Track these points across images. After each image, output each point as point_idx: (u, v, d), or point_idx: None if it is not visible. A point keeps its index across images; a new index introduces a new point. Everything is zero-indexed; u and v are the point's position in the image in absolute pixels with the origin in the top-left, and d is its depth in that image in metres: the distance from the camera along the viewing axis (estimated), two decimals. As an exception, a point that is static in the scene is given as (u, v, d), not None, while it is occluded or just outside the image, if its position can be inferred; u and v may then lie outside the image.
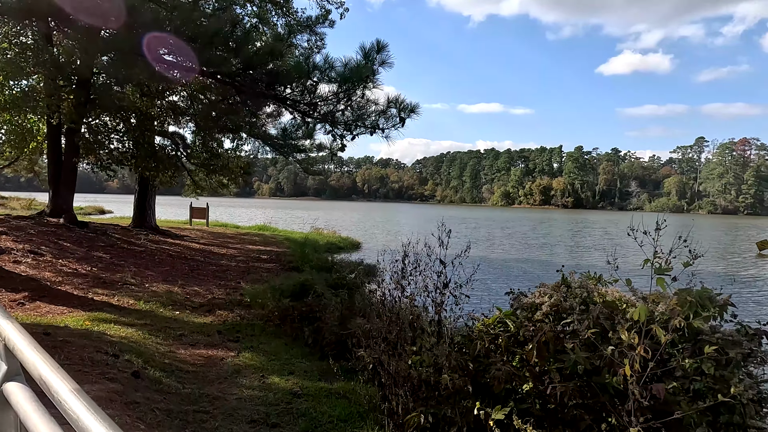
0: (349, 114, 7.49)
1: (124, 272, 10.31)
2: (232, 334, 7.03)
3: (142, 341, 5.90)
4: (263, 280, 11.89)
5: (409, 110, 7.69)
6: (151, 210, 19.13)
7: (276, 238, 23.10)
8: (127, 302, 8.16)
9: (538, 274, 17.22)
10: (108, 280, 9.41)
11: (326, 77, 7.67)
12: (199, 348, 6.25)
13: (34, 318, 6.49)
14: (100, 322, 6.55)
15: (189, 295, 9.41)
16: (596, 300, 3.59)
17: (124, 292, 8.75)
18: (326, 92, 7.80)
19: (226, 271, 12.71)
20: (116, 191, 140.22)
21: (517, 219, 67.00)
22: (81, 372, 3.86)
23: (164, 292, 9.30)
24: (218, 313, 8.18)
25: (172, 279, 10.56)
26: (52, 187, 14.42)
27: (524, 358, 3.15)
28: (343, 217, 51.25)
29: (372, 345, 4.27)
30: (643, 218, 3.53)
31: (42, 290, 8.15)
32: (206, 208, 27.02)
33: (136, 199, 18.87)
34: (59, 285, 8.57)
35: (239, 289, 10.43)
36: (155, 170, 14.89)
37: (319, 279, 10.69)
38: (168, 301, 8.56)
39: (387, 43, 7.53)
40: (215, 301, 9.09)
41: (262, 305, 8.66)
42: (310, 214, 57.06)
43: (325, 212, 65.36)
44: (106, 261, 10.97)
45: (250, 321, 7.69)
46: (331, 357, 6.18)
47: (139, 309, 7.84)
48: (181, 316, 7.83)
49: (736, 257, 26.31)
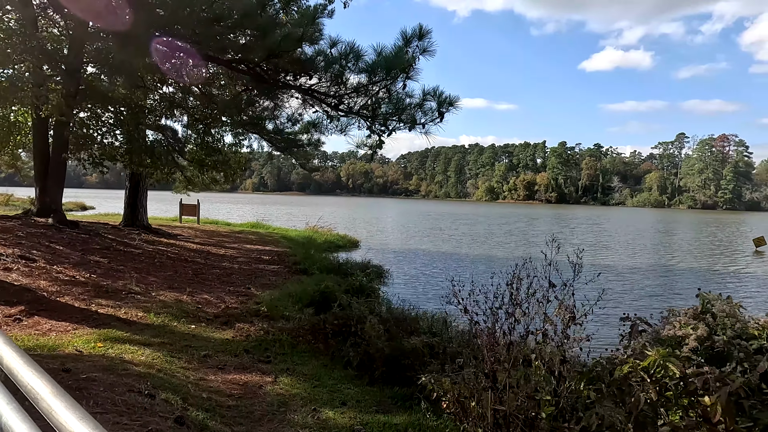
0: (387, 107, 6.77)
1: (126, 279, 9.45)
2: (261, 353, 6.30)
3: (168, 367, 5.13)
4: (273, 285, 11.14)
5: (449, 103, 7.00)
6: (143, 208, 18.14)
7: (272, 237, 22.26)
8: (136, 315, 7.35)
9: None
10: (110, 288, 8.56)
11: (358, 67, 6.94)
12: (230, 372, 5.50)
13: (37, 339, 5.67)
14: (114, 343, 5.76)
15: (200, 304, 8.61)
16: (753, 332, 2.96)
17: (129, 303, 7.92)
18: (356, 83, 7.07)
19: (231, 274, 11.91)
20: (95, 186, 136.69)
21: (521, 215, 66.82)
22: (120, 425, 3.12)
23: (173, 301, 8.50)
24: (237, 327, 7.42)
25: (177, 285, 9.74)
26: (39, 185, 13.41)
27: (699, 413, 2.54)
28: (335, 213, 50.42)
29: (461, 379, 3.59)
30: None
31: (39, 302, 7.29)
32: (197, 205, 26.01)
33: (126, 196, 17.85)
34: (58, 296, 7.71)
35: (251, 297, 9.66)
36: (151, 167, 13.94)
37: (333, 283, 9.97)
38: (179, 313, 7.76)
39: (430, 29, 6.84)
40: (230, 312, 8.32)
41: (285, 317, 7.93)
42: (301, 210, 56.10)
43: (315, 208, 64.39)
44: (104, 266, 10.08)
45: (275, 336, 6.95)
46: (381, 381, 5.52)
47: (150, 323, 7.04)
48: (198, 330, 7.05)
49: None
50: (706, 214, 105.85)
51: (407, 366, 5.35)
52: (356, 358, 5.82)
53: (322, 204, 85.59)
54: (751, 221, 68.42)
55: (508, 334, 3.33)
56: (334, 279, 12.41)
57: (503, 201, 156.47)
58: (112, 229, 16.53)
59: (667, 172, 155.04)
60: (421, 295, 13.41)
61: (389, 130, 6.97)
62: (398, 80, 6.60)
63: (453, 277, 4.34)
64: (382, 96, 6.77)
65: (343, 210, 61.03)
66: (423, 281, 15.49)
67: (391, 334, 5.94)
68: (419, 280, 15.50)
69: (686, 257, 24.94)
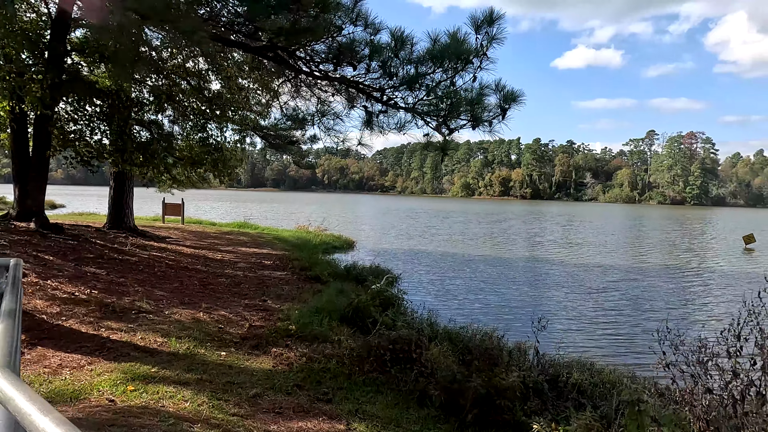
0: (452, 102, 5.93)
1: (131, 294, 8.38)
2: (315, 389, 5.40)
3: (222, 417, 4.21)
4: (289, 296, 10.19)
5: (512, 98, 6.21)
6: (130, 210, 16.82)
7: (265, 238, 21.17)
8: (155, 340, 6.34)
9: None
10: (117, 307, 7.49)
11: (416, 56, 6.08)
12: (291, 417, 4.60)
13: (50, 382, 4.65)
14: (145, 383, 4.78)
15: (220, 323, 7.62)
16: None
17: (143, 325, 6.89)
18: (413, 73, 6.20)
19: (240, 284, 10.89)
20: (61, 182, 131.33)
21: (509, 212, 66.83)
22: None
23: (190, 320, 7.49)
24: (273, 352, 6.48)
25: (189, 300, 8.70)
26: (19, 186, 12.07)
27: None
28: (319, 212, 49.27)
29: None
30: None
31: (40, 328, 6.21)
32: (181, 205, 24.65)
33: (111, 196, 16.50)
34: (60, 318, 6.63)
35: (272, 311, 8.71)
36: (144, 165, 12.74)
37: (364, 296, 9.08)
38: (202, 335, 6.78)
39: (502, 13, 6.02)
40: (257, 332, 7.36)
41: (320, 337, 7.05)
42: (284, 207, 54.76)
43: (296, 205, 63.14)
44: (103, 279, 8.95)
45: (322, 364, 6.05)
46: (474, 424, 4.71)
47: (174, 351, 6.05)
48: (231, 359, 6.09)
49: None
50: (678, 209, 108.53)
51: (503, 407, 4.55)
52: (439, 397, 4.95)
53: (301, 201, 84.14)
54: (734, 217, 70.25)
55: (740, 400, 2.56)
56: (348, 287, 11.57)
57: (479, 197, 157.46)
58: (97, 232, 15.22)
59: (637, 168, 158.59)
60: (443, 302, 12.66)
61: (449, 128, 6.14)
62: (466, 71, 5.78)
63: (658, 328, 3.52)
64: (444, 89, 5.93)
65: (325, 208, 59.82)
66: (438, 286, 14.74)
67: (476, 366, 5.12)
68: (434, 285, 14.74)
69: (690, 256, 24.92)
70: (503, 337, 6.99)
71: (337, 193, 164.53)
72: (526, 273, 17.87)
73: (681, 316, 12.12)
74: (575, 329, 10.81)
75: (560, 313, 12.19)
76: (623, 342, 9.99)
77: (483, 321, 10.35)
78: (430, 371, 5.62)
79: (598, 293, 14.61)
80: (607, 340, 10.16)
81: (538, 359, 6.16)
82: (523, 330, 10.13)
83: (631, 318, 11.87)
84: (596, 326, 11.10)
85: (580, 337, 10.25)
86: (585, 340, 10.09)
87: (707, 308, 13.30)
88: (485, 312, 11.96)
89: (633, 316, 12.02)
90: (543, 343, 8.19)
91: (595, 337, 10.34)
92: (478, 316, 11.30)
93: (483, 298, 13.41)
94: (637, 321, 11.58)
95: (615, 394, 4.87)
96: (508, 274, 17.34)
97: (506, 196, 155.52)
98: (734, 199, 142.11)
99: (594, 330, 10.81)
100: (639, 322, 11.43)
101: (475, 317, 10.90)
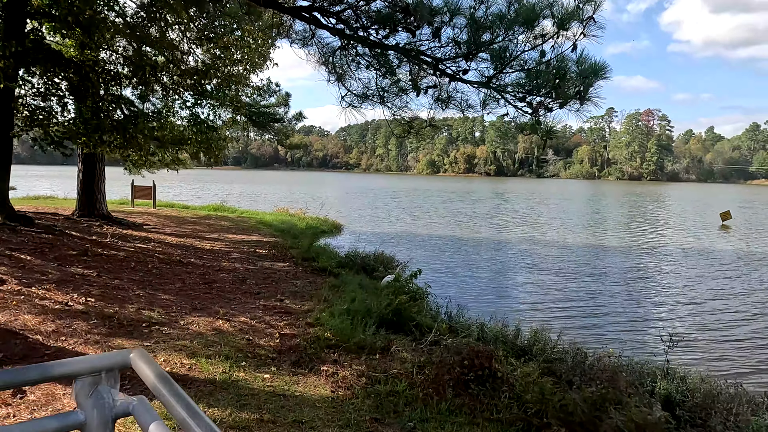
0: (546, 77, 5.00)
1: (133, 300, 7.18)
2: (396, 421, 4.49)
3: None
4: (305, 293, 9.17)
5: (593, 72, 5.34)
6: (102, 195, 15.25)
7: (248, 223, 19.88)
8: (181, 363, 5.26)
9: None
10: (122, 318, 6.31)
11: (492, 17, 5.10)
12: (391, 469, 3.70)
13: None
14: None
15: (245, 332, 6.57)
16: None
17: (160, 342, 5.78)
18: (487, 39, 5.23)
19: (245, 279, 9.79)
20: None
21: (486, 190, 66.76)
22: None
23: (210, 331, 6.41)
24: (323, 371, 5.52)
25: (200, 305, 7.57)
26: (-23, 172, 10.46)
27: None
28: (293, 192, 47.73)
29: None
30: None
31: (36, 353, 5.02)
32: (152, 187, 22.89)
33: (80, 180, 14.86)
34: (59, 339, 5.44)
35: (296, 314, 7.70)
36: (125, 147, 11.26)
37: (404, 297, 8.17)
38: (232, 352, 5.74)
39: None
40: (291, 343, 6.36)
41: (364, 347, 6.14)
42: (254, 188, 52.81)
43: (265, 186, 61.25)
44: (95, 282, 7.68)
45: (390, 387, 5.14)
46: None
47: (210, 378, 5.00)
48: (278, 383, 5.09)
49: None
50: (638, 185, 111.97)
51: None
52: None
53: (268, 180, 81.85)
54: (695, 193, 72.73)
55: None
56: (362, 280, 10.65)
57: (444, 174, 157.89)
58: (68, 222, 13.66)
59: (597, 145, 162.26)
60: (459, 291, 11.91)
61: (532, 107, 5.22)
62: (558, 38, 4.86)
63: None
64: (535, 61, 4.99)
65: (297, 188, 58.05)
66: (446, 273, 13.99)
67: (593, 392, 4.31)
68: (440, 272, 13.98)
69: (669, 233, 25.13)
70: (619, 353, 6.17)
71: (302, 171, 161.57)
72: (544, 257, 17.34)
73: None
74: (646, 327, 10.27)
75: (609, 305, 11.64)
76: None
77: (537, 318, 9.68)
78: (520, 394, 4.81)
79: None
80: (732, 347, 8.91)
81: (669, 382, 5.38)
82: (575, 326, 9.48)
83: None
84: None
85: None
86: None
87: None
88: (531, 305, 11.22)
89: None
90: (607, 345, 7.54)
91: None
92: (523, 312, 10.58)
93: (512, 289, 12.73)
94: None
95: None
96: (533, 259, 16.73)
97: (471, 173, 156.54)
98: (687, 175, 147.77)
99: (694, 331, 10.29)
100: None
101: (519, 314, 10.18)
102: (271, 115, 18.53)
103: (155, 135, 12.23)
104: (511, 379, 4.99)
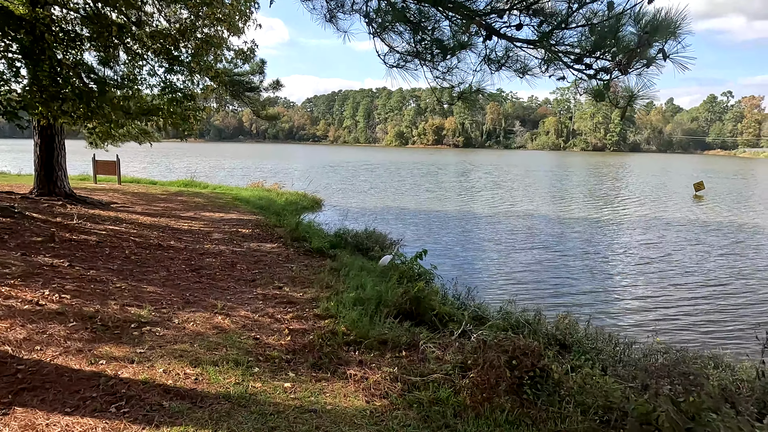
0: (597, 38, 4.28)
1: (114, 294, 6.26)
2: (452, 440, 3.86)
3: None
4: (301, 278, 8.39)
5: (654, 29, 4.67)
6: (63, 171, 13.89)
7: (223, 199, 18.77)
8: (184, 373, 4.47)
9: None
10: (105, 318, 5.41)
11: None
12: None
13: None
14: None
15: (250, 329, 5.79)
16: None
17: (155, 347, 4.95)
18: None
19: (235, 264, 8.92)
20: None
21: (462, 162, 66.22)
22: None
23: (211, 331, 5.60)
24: (350, 375, 4.83)
25: (192, 297, 6.71)
26: None
27: None
28: (264, 166, 46.16)
29: None
30: None
31: (9, 372, 4.14)
32: (117, 162, 21.32)
33: (38, 155, 13.44)
34: (33, 349, 4.53)
35: (300, 304, 6.94)
36: (89, 118, 10.03)
37: (423, 285, 7.50)
38: (240, 355, 4.97)
39: None
40: (303, 340, 5.62)
41: (387, 342, 5.47)
42: (223, 163, 50.77)
43: (234, 159, 59.24)
44: (69, 274, 6.69)
45: (430, 392, 4.50)
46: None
47: (224, 392, 4.24)
48: (303, 394, 4.37)
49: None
50: (603, 155, 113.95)
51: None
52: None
53: (235, 153, 79.43)
54: (661, 162, 74.29)
55: None
56: (356, 261, 9.94)
57: (413, 146, 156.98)
58: (26, 201, 12.35)
59: (562, 116, 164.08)
60: (459, 270, 11.36)
61: (596, 72, 4.51)
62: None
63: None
64: (602, 16, 4.26)
65: (268, 161, 56.20)
66: (443, 251, 13.42)
67: (668, 395, 3.76)
68: (436, 252, 13.39)
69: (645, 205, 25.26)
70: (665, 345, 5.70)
71: (268, 144, 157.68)
72: (536, 229, 16.96)
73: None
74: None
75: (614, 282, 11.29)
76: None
77: (549, 301, 9.19)
78: (582, 399, 4.25)
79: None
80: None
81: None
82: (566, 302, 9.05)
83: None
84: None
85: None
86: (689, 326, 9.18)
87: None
88: (536, 286, 10.76)
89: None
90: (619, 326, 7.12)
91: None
92: (528, 290, 10.10)
93: (511, 267, 12.26)
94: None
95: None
96: (529, 232, 16.31)
97: (439, 145, 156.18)
98: (648, 146, 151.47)
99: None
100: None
101: (525, 292, 9.70)
102: (247, 83, 17.23)
103: (123, 105, 10.98)
104: (570, 381, 4.42)
